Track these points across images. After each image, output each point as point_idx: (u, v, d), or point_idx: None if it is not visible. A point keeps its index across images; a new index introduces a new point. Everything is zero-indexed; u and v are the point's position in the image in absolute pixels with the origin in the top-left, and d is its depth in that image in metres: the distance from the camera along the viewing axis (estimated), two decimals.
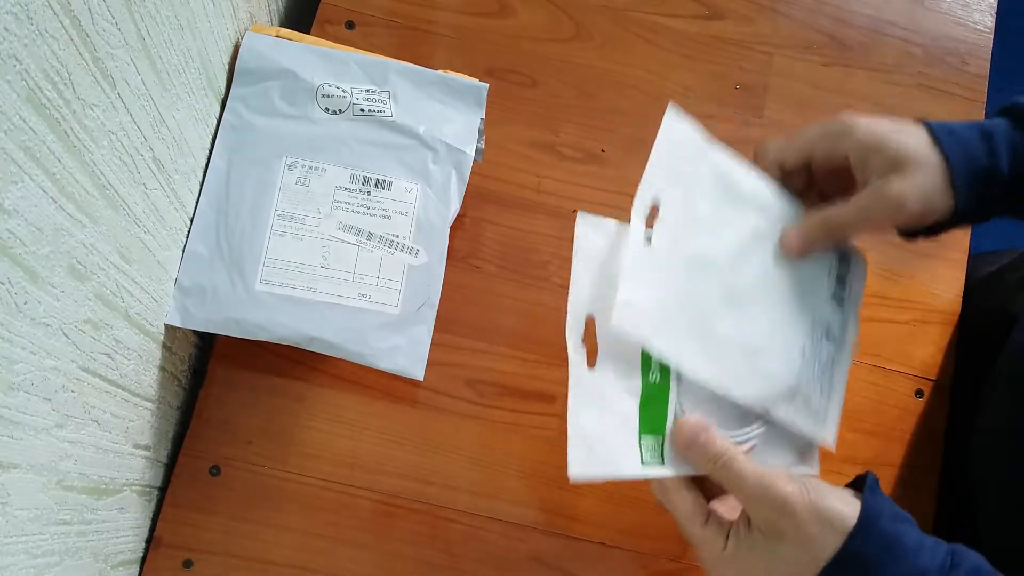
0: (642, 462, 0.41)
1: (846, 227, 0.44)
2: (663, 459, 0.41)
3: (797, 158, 0.45)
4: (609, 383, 0.42)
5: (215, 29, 0.51)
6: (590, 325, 0.42)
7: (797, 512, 0.37)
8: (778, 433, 0.43)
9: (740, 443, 0.42)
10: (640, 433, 0.41)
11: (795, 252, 0.45)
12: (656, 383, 0.42)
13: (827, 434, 0.45)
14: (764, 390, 0.42)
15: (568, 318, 0.42)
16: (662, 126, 0.43)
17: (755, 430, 0.43)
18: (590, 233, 0.43)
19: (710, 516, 0.41)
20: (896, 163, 0.42)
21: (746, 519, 0.39)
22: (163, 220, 0.49)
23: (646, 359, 0.42)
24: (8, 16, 0.30)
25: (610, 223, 0.44)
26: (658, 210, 0.42)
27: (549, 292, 0.61)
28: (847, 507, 0.38)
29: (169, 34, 0.44)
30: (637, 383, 0.42)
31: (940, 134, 0.43)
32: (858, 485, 0.40)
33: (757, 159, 0.46)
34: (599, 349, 0.42)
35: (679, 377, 0.42)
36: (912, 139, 0.42)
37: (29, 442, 0.37)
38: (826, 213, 0.44)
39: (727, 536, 0.40)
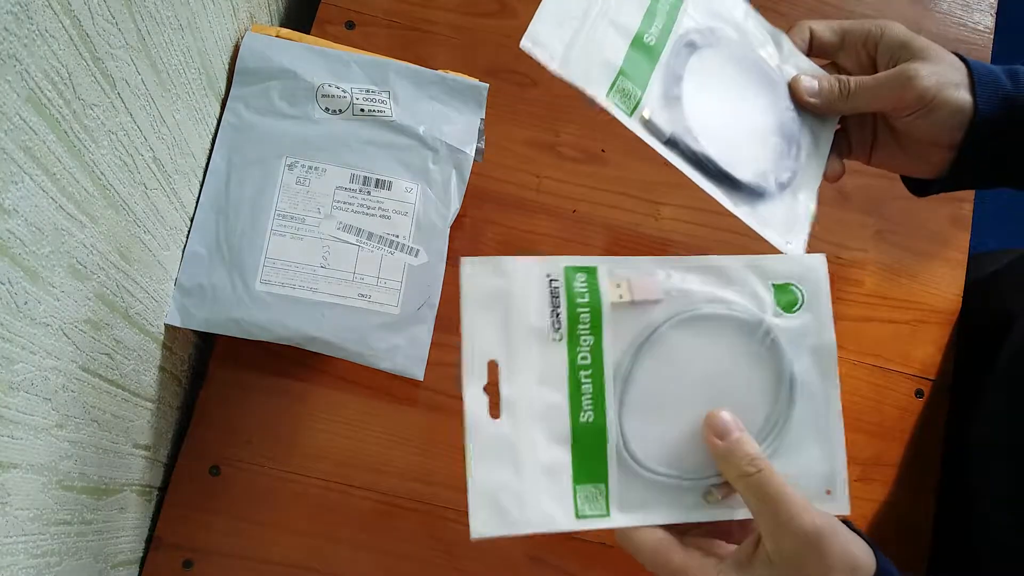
0: (578, 514, 0.37)
1: (858, 92, 0.45)
2: (608, 509, 0.38)
3: (832, 35, 0.47)
4: (525, 430, 0.38)
5: (215, 29, 0.51)
6: (493, 371, 0.38)
7: (831, 553, 0.34)
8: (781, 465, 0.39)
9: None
10: (575, 483, 0.38)
11: (802, 100, 0.46)
12: (590, 423, 0.38)
13: (797, 246, 0.46)
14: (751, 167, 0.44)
15: (464, 366, 0.37)
16: None
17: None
18: (479, 274, 0.38)
19: (685, 544, 0.37)
20: (918, 53, 0.44)
21: (751, 548, 0.36)
22: (163, 220, 0.49)
23: (574, 395, 0.38)
24: (8, 16, 0.30)
25: (500, 260, 0.39)
26: None
27: None
28: (867, 557, 0.36)
29: (169, 34, 0.44)
30: (565, 426, 0.38)
31: (963, 55, 0.46)
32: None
33: (791, 29, 0.48)
34: (510, 395, 0.38)
35: (619, 406, 0.38)
36: (937, 46, 0.45)
37: (29, 442, 0.37)
38: (844, 78, 0.46)
39: (717, 563, 0.36)
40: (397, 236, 0.55)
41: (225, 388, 0.57)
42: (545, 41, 0.42)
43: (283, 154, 0.55)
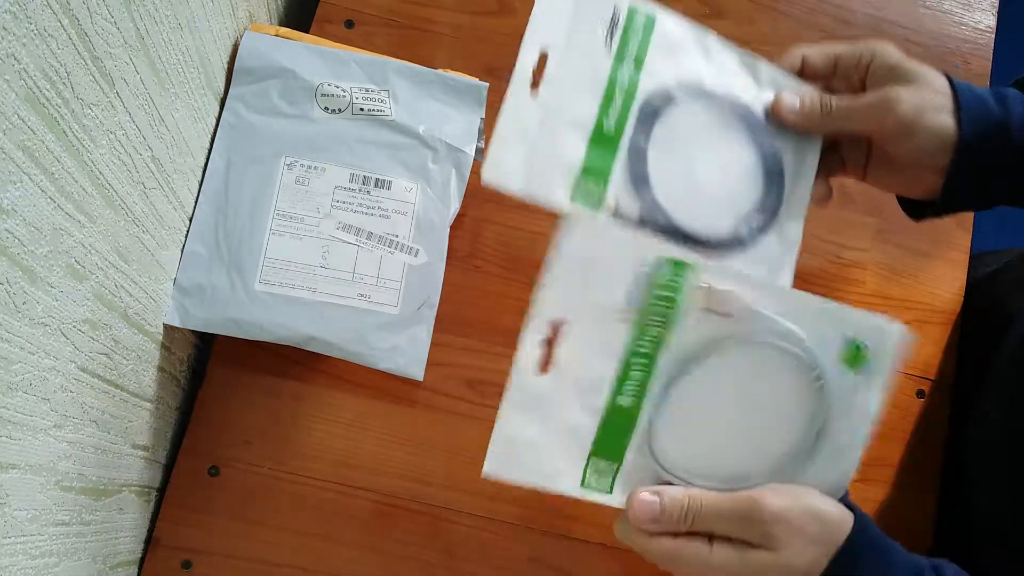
0: (583, 483, 0.39)
1: (838, 113, 0.44)
2: (612, 488, 0.40)
3: (824, 60, 0.46)
4: (563, 393, 0.39)
5: (214, 28, 0.51)
6: (558, 328, 0.40)
7: (793, 519, 0.37)
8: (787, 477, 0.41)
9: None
10: (591, 454, 0.40)
11: (783, 117, 0.45)
12: (625, 407, 0.40)
13: (784, 277, 0.46)
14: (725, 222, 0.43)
15: (533, 316, 0.39)
16: None
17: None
18: (579, 231, 0.40)
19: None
20: (904, 76, 0.44)
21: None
22: (162, 220, 0.49)
23: (622, 377, 0.40)
24: (7, 15, 0.30)
25: (601, 225, 0.41)
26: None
27: None
28: (838, 510, 0.38)
29: (168, 33, 0.44)
30: (601, 402, 0.40)
31: (953, 78, 0.45)
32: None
33: (783, 55, 0.48)
34: (563, 356, 0.39)
35: (658, 401, 0.40)
36: (926, 69, 0.44)
37: (28, 442, 0.37)
38: (826, 96, 0.45)
39: (708, 542, 0.39)
40: (397, 236, 0.55)
41: (224, 388, 0.57)
42: (505, 164, 0.40)
43: (282, 153, 0.55)
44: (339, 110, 0.56)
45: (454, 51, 0.65)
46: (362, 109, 0.56)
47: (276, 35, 0.57)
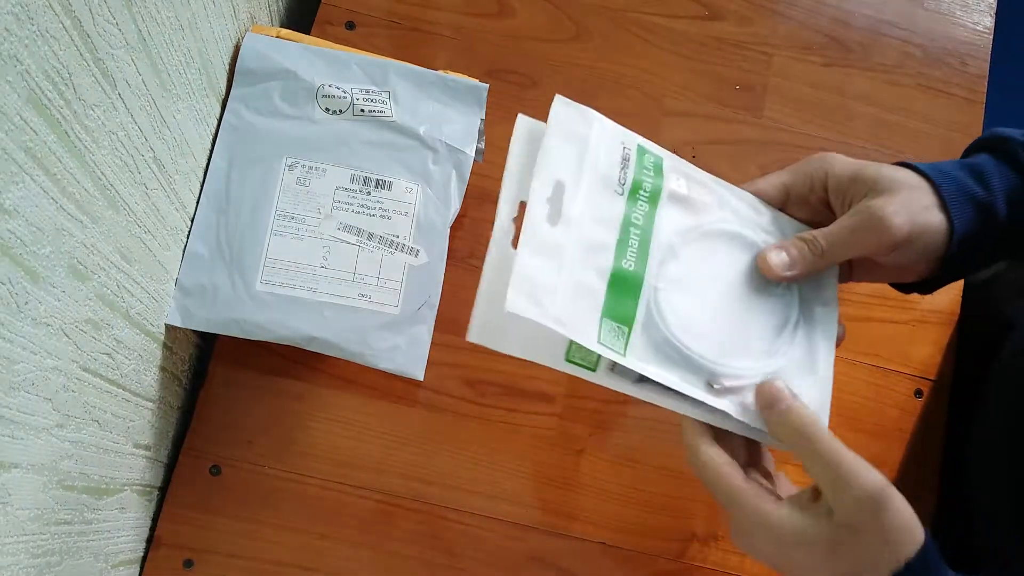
0: (600, 339, 0.38)
1: (831, 249, 0.41)
2: (625, 350, 0.39)
3: (775, 192, 0.44)
4: (573, 247, 0.39)
5: (215, 29, 0.51)
6: (561, 190, 0.40)
7: (887, 516, 0.35)
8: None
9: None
10: (603, 315, 0.39)
11: (778, 276, 0.42)
12: (630, 270, 0.40)
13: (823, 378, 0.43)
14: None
15: (537, 172, 0.39)
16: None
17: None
18: (565, 115, 0.41)
19: (748, 473, 0.39)
20: (876, 186, 0.41)
21: (812, 493, 0.37)
22: (163, 220, 0.49)
23: (622, 241, 0.40)
24: (9, 17, 0.30)
25: (586, 111, 0.42)
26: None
27: None
28: (917, 526, 0.36)
29: (170, 34, 0.44)
30: (608, 263, 0.40)
31: (919, 166, 0.42)
32: None
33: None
34: (567, 213, 0.39)
35: (658, 268, 0.41)
36: (889, 168, 0.42)
37: (30, 442, 0.38)
38: (810, 236, 0.42)
39: (777, 502, 0.37)
40: (397, 236, 0.55)
41: (225, 388, 0.57)
42: (494, 322, 0.39)
43: (283, 154, 0.55)
44: (340, 111, 0.56)
45: (455, 52, 0.65)
46: (363, 110, 0.56)
47: (277, 36, 0.57)
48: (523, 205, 0.39)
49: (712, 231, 0.43)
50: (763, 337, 0.42)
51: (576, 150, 0.41)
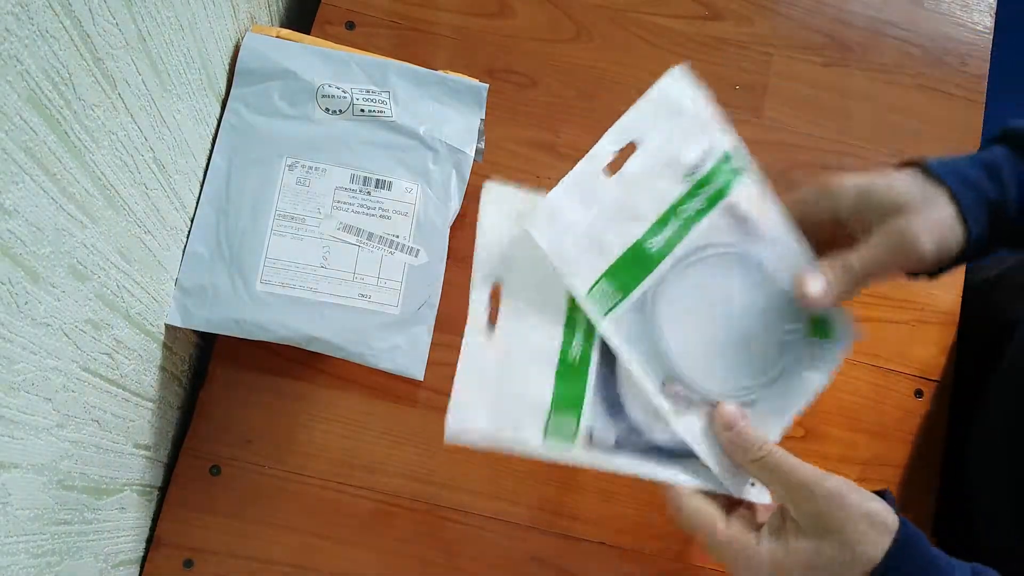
0: (589, 292, 0.39)
1: (865, 271, 0.41)
2: (607, 314, 0.40)
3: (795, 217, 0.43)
4: (612, 201, 0.40)
5: (215, 29, 0.51)
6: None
7: (849, 507, 0.36)
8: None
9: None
10: (604, 274, 0.40)
11: (819, 303, 0.41)
12: (652, 251, 0.41)
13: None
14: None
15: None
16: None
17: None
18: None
19: (731, 515, 0.40)
20: (894, 206, 0.40)
21: (780, 516, 0.39)
22: (163, 220, 0.49)
23: (662, 220, 0.41)
24: (9, 17, 0.30)
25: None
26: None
27: None
28: (887, 512, 0.37)
29: (170, 34, 0.44)
30: (635, 233, 0.41)
31: (937, 170, 0.42)
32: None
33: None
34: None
35: (678, 263, 0.41)
36: (901, 182, 0.41)
37: (30, 442, 0.38)
38: (846, 261, 0.41)
39: (757, 534, 0.39)
40: (397, 236, 0.55)
41: (225, 388, 0.57)
42: (470, 411, 0.40)
43: (283, 154, 0.55)
44: (340, 111, 0.56)
45: (454, 52, 0.65)
46: (363, 110, 0.56)
47: (277, 36, 0.57)
48: (498, 286, 0.40)
49: (745, 256, 0.42)
50: (741, 374, 0.42)
51: (668, 124, 0.41)
